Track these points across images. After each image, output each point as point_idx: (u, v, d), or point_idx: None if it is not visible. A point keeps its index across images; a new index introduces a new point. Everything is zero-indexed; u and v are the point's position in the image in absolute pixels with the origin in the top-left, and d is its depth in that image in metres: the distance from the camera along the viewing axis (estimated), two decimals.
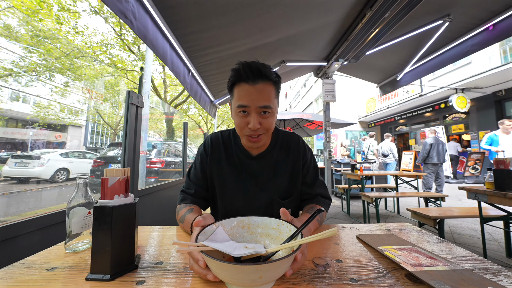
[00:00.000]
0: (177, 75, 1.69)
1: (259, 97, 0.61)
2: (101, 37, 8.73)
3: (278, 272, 0.32)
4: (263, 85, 0.61)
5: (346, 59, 2.83)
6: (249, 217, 0.49)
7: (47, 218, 0.83)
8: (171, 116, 10.94)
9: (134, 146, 1.28)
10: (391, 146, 5.16)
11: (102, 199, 0.42)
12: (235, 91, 0.64)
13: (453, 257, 0.45)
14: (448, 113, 7.80)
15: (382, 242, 0.51)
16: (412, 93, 8.40)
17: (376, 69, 3.15)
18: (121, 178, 0.44)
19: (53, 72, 9.16)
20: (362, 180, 3.13)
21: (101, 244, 0.40)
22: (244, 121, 0.63)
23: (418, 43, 2.42)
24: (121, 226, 0.41)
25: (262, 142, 0.67)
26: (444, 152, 4.40)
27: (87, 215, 0.53)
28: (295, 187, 0.75)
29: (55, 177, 7.31)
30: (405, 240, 0.53)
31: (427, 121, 8.92)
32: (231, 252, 0.36)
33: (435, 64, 2.55)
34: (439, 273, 0.36)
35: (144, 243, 0.56)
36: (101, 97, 12.15)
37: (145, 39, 1.16)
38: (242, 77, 0.61)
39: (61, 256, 0.48)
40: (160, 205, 1.77)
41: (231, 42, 1.93)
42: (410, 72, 2.89)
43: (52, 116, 11.70)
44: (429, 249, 0.49)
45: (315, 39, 2.49)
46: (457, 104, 6.56)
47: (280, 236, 0.45)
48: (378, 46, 2.44)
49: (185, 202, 0.72)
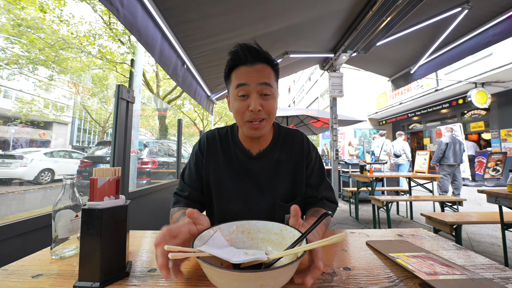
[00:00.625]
0: (165, 67, 1.68)
1: (259, 75, 0.63)
2: (89, 27, 8.73)
3: (281, 280, 0.32)
4: (262, 66, 0.64)
5: (354, 50, 2.82)
6: (250, 221, 0.50)
7: (31, 222, 0.84)
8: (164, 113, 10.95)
9: (124, 145, 1.28)
10: (404, 145, 5.16)
11: (90, 200, 0.43)
12: (232, 76, 0.66)
13: (472, 265, 0.45)
14: (467, 110, 7.78)
15: (394, 248, 0.51)
16: (427, 88, 8.37)
17: (387, 61, 3.14)
18: (111, 179, 0.44)
19: (37, 64, 9.16)
20: (372, 182, 3.13)
21: (90, 250, 0.40)
22: (244, 104, 0.63)
23: (434, 33, 2.40)
24: (111, 230, 0.42)
25: (264, 130, 0.67)
26: (462, 152, 4.39)
27: (75, 218, 0.53)
28: (298, 189, 0.74)
29: (39, 178, 7.35)
30: (419, 247, 0.53)
31: (443, 118, 8.90)
32: (230, 259, 0.37)
33: (452, 56, 2.53)
34: (456, 282, 0.36)
35: (136, 249, 0.56)
36: (89, 91, 12.17)
37: (131, 28, 1.16)
38: (241, 59, 0.63)
39: (46, 263, 0.48)
40: (152, 209, 1.78)
41: (229, 32, 1.93)
42: (425, 65, 2.87)
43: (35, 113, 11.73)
44: (445, 256, 0.49)
45: (321, 28, 2.48)
46: (477, 99, 6.53)
47: (283, 241, 0.45)
48: (390, 36, 2.43)
49: (178, 205, 0.72)
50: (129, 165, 1.33)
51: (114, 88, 1.29)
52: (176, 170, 2.73)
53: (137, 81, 3.16)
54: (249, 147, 0.74)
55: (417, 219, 3.34)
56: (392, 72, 3.36)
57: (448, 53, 2.57)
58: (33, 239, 0.83)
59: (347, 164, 5.00)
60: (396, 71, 3.28)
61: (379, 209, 2.92)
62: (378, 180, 3.64)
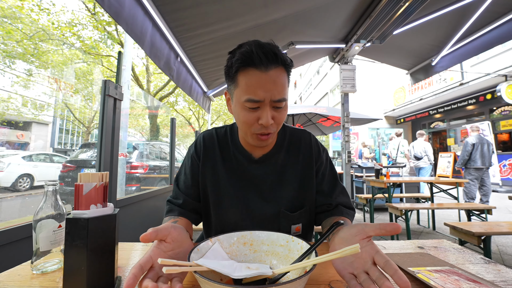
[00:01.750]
0: (157, 59, 1.70)
1: (274, 88, 0.59)
2: (71, 16, 8.84)
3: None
4: (276, 72, 0.60)
5: (369, 40, 2.82)
6: (252, 232, 0.50)
7: (9, 233, 0.85)
8: (155, 111, 11.02)
9: (112, 147, 1.29)
10: (426, 146, 5.14)
11: (75, 209, 0.43)
12: (240, 79, 0.61)
13: (502, 281, 0.45)
14: (496, 106, 7.73)
15: (414, 262, 0.51)
16: (450, 82, 8.34)
17: (406, 52, 3.13)
18: (98, 185, 0.45)
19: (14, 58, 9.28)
20: (389, 188, 3.12)
21: (75, 263, 0.41)
22: (253, 116, 0.61)
23: (459, 20, 2.39)
24: (98, 242, 0.42)
25: (271, 140, 0.68)
26: (490, 154, 4.37)
27: (58, 229, 0.54)
28: (307, 196, 0.74)
29: (16, 185, 7.41)
30: (443, 261, 0.53)
31: (469, 115, 8.86)
32: (231, 274, 0.37)
33: (479, 45, 2.52)
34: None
35: (126, 263, 0.57)
36: (71, 88, 12.29)
37: (117, 17, 1.17)
38: (254, 61, 0.58)
39: (27, 278, 0.49)
40: (143, 218, 1.79)
41: (228, 20, 1.94)
42: (448, 56, 2.87)
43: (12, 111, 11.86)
44: (472, 271, 0.49)
45: (331, 15, 2.48)
46: (507, 94, 6.49)
47: (289, 254, 0.46)
48: (408, 23, 2.43)
49: (171, 214, 0.72)
50: (117, 169, 1.34)
51: (100, 84, 1.31)
52: (169, 175, 2.75)
53: (126, 76, 3.19)
54: (251, 150, 0.74)
55: (440, 230, 3.32)
56: (411, 64, 3.35)
57: (474, 42, 2.56)
58: (11, 252, 0.84)
59: (361, 168, 4.98)
60: (415, 63, 3.27)
61: (397, 218, 2.90)
62: (396, 185, 3.63)
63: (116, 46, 9.46)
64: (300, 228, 0.73)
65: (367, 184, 4.42)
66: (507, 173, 7.30)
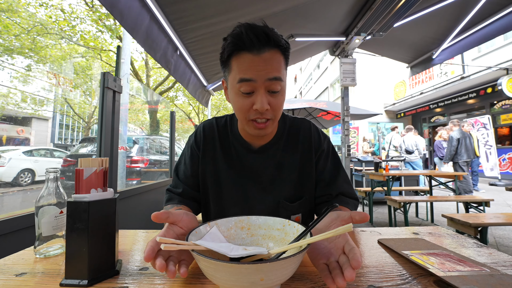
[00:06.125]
0: (152, 51, 1.68)
1: (267, 67, 0.57)
2: (69, 10, 8.74)
3: (283, 274, 0.33)
4: (271, 54, 0.58)
5: (369, 33, 2.80)
6: (250, 217, 0.51)
7: (12, 222, 0.86)
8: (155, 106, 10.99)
9: (111, 138, 1.30)
10: (417, 140, 5.21)
11: (76, 193, 0.44)
12: (233, 64, 0.60)
13: (493, 262, 0.46)
14: (497, 100, 7.70)
15: (408, 246, 0.52)
16: (451, 75, 8.29)
17: (406, 45, 3.11)
18: (98, 170, 0.46)
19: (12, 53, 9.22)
20: (388, 181, 3.13)
21: (77, 245, 0.42)
22: (248, 102, 0.60)
23: (460, 12, 2.37)
24: (99, 225, 0.43)
25: (269, 129, 0.65)
26: (473, 146, 4.59)
27: (59, 214, 0.55)
28: (306, 186, 0.74)
29: (18, 180, 7.45)
30: (436, 245, 0.54)
31: (469, 109, 8.83)
32: (228, 253, 0.38)
33: (479, 37, 2.50)
34: (474, 278, 0.37)
35: (127, 248, 0.58)
36: (71, 83, 12.23)
37: (111, 8, 1.15)
38: (245, 44, 0.56)
39: (30, 262, 0.50)
40: (143, 210, 1.81)
41: (228, 13, 1.92)
42: (449, 48, 2.85)
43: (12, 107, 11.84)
44: (465, 254, 0.50)
45: (331, 8, 2.46)
46: (508, 88, 6.46)
47: (286, 237, 0.47)
48: (409, 16, 2.40)
49: (171, 202, 0.73)
50: (117, 159, 1.35)
51: (99, 78, 1.30)
52: (169, 169, 2.76)
53: (125, 69, 3.17)
54: (250, 140, 0.74)
55: (438, 222, 3.35)
56: (412, 58, 3.33)
57: (475, 34, 2.54)
58: (14, 240, 0.86)
59: (360, 161, 5.00)
60: (416, 56, 3.25)
61: (395, 210, 2.93)
62: (395, 179, 3.65)
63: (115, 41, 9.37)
64: (300, 218, 0.73)
65: (367, 178, 4.44)
66: (507, 167, 7.31)
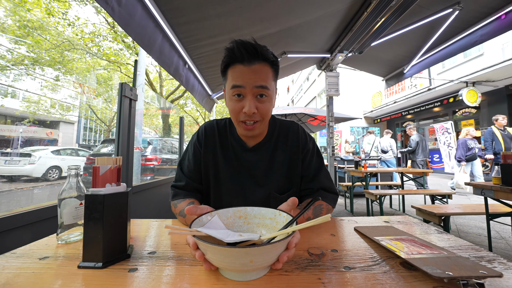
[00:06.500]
0: (166, 66, 1.68)
1: (255, 77, 0.59)
2: (93, 28, 8.69)
3: (269, 257, 0.33)
4: (260, 66, 0.60)
5: (350, 50, 2.82)
6: (246, 207, 0.51)
7: (38, 212, 0.85)
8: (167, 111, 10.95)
9: (128, 140, 1.29)
10: (391, 142, 5.32)
11: (93, 187, 0.44)
12: (228, 73, 0.62)
13: (450, 246, 0.47)
14: (458, 108, 7.78)
15: (379, 233, 0.53)
16: (420, 87, 8.37)
17: (382, 62, 3.14)
18: (112, 167, 0.45)
19: (43, 65, 9.13)
20: (366, 177, 3.15)
21: (93, 232, 0.41)
22: (239, 105, 0.62)
23: (426, 34, 2.40)
24: (113, 215, 0.43)
25: (257, 131, 0.66)
26: (428, 147, 4.72)
27: (79, 206, 0.54)
28: (293, 180, 0.74)
29: (47, 175, 7.37)
30: (403, 231, 0.54)
31: (435, 116, 8.91)
32: (224, 239, 0.38)
33: (443, 54, 2.54)
34: (433, 260, 0.37)
35: (139, 235, 0.58)
36: (94, 92, 12.14)
37: (126, 27, 1.13)
38: (237, 57, 0.59)
39: (53, 247, 0.50)
40: (155, 202, 1.80)
41: (229, 33, 1.93)
42: (417, 64, 2.88)
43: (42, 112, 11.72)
44: (427, 239, 0.50)
45: (318, 29, 2.48)
46: (468, 98, 6.54)
47: (276, 226, 0.47)
48: (384, 36, 2.43)
49: (178, 197, 0.72)
50: (132, 158, 1.34)
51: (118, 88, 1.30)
52: None
53: (140, 80, 3.16)
54: (246, 139, 0.74)
55: (409, 212, 3.37)
56: (386, 72, 3.36)
57: (440, 52, 2.58)
58: (39, 229, 0.85)
59: (343, 160, 5.02)
60: (390, 70, 3.28)
61: (372, 202, 2.94)
62: (372, 175, 3.66)
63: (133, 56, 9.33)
64: None
65: (348, 174, 4.46)
66: None
